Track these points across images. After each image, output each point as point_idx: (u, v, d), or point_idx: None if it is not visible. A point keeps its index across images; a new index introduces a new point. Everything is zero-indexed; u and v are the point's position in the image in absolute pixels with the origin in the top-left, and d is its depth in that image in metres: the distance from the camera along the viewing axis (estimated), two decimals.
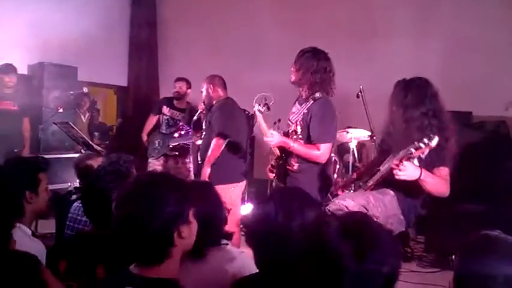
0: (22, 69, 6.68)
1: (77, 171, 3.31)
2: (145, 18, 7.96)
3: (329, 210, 2.73)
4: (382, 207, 2.76)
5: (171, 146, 5.37)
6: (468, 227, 1.70)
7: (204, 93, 4.48)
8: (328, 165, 3.47)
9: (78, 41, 6.66)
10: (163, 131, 5.55)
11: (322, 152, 3.24)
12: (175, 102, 5.67)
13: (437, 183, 2.70)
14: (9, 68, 5.66)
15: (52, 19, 6.56)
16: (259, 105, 3.56)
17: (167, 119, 5.59)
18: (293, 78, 3.45)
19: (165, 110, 5.62)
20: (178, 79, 5.75)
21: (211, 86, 4.46)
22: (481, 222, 3.82)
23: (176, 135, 5.34)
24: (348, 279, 1.17)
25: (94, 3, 7.18)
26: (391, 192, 2.83)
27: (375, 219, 2.66)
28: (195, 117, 4.76)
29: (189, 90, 5.71)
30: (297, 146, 3.27)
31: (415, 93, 2.82)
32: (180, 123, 5.43)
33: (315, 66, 3.34)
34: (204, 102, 4.53)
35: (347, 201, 2.72)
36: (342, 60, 5.58)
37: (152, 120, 5.70)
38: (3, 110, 5.52)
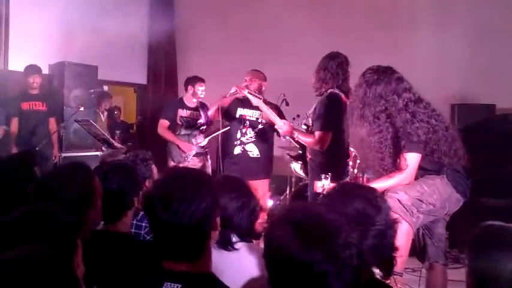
0: (43, 69, 6.78)
1: None
2: (164, 16, 7.98)
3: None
4: (437, 193, 2.77)
5: (202, 145, 5.23)
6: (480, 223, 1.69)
7: (256, 86, 4.40)
8: (335, 156, 3.60)
9: (98, 40, 6.72)
10: (183, 133, 5.32)
11: (317, 139, 3.51)
12: (186, 102, 5.44)
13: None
14: (33, 69, 5.78)
15: (72, 19, 6.65)
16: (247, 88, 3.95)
17: (187, 121, 5.37)
18: (312, 81, 3.72)
19: (182, 112, 5.40)
20: (202, 81, 5.47)
21: (265, 83, 4.49)
22: (505, 216, 3.74)
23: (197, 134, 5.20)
24: (333, 279, 1.13)
25: (114, 2, 7.24)
26: (438, 176, 2.82)
27: (432, 208, 2.71)
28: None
29: None
30: (299, 135, 3.63)
31: (373, 92, 2.82)
32: (198, 122, 5.29)
33: (325, 64, 3.61)
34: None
35: (400, 194, 2.71)
36: (362, 49, 5.55)
37: (166, 124, 5.42)
38: (34, 110, 5.72)
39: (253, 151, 4.50)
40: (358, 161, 5.38)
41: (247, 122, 4.51)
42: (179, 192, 1.43)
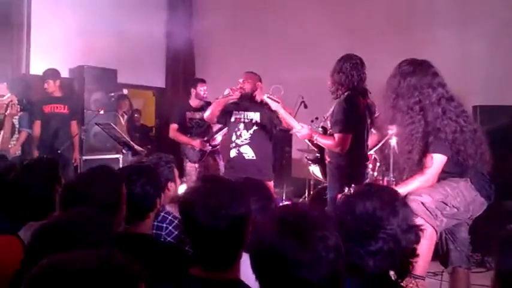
0: (63, 73, 6.89)
1: None
2: (182, 21, 8.05)
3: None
4: (460, 196, 2.75)
5: (216, 143, 5.36)
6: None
7: (250, 86, 4.38)
8: (354, 159, 3.58)
9: (117, 44, 6.80)
10: (195, 133, 5.49)
11: (337, 141, 3.49)
12: (192, 103, 5.60)
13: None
14: (46, 74, 5.78)
15: (92, 24, 6.73)
16: (268, 94, 3.87)
17: (197, 122, 5.55)
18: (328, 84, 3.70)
19: (190, 114, 5.57)
20: (203, 81, 5.70)
21: (260, 84, 4.42)
22: None
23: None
24: (305, 269, 1.16)
25: (132, 7, 7.31)
26: (462, 179, 2.79)
27: (456, 211, 2.70)
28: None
29: None
30: (318, 138, 3.60)
31: (408, 82, 2.81)
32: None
33: (340, 66, 3.59)
34: (241, 94, 4.37)
35: (423, 197, 2.70)
36: (381, 51, 5.48)
37: (176, 128, 5.59)
38: (56, 113, 5.72)
39: (248, 153, 4.39)
40: (377, 164, 5.36)
41: (242, 124, 4.45)
42: (222, 199, 1.45)
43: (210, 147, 5.28)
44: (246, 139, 4.42)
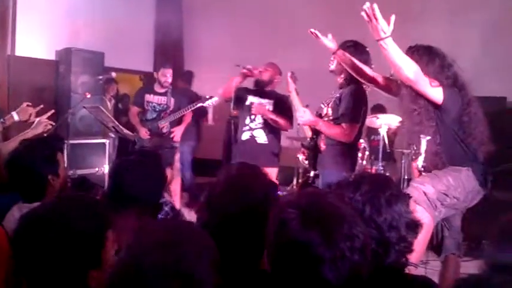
0: (50, 55, 6.75)
1: None
2: (171, 3, 7.94)
3: (410, 195, 2.69)
4: (461, 187, 2.76)
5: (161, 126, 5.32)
6: (501, 216, 1.66)
7: (268, 76, 4.55)
8: (353, 147, 3.63)
9: (105, 26, 6.68)
10: (149, 118, 5.49)
11: (346, 131, 3.43)
12: (156, 87, 5.65)
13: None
14: None
15: (79, 5, 6.59)
16: (293, 73, 3.97)
17: (153, 106, 5.59)
18: (333, 67, 3.58)
19: (149, 97, 5.61)
20: (166, 66, 5.73)
21: (279, 77, 4.59)
22: None
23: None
24: (326, 267, 1.10)
25: None
26: (463, 167, 2.80)
27: (456, 201, 2.72)
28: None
29: None
30: (323, 125, 3.49)
31: (438, 62, 2.82)
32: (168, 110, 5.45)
33: (356, 56, 3.45)
34: (257, 80, 4.57)
35: (426, 187, 2.71)
36: (372, 40, 5.45)
37: (135, 112, 5.66)
38: None
39: (261, 137, 4.53)
40: (367, 153, 5.39)
41: None
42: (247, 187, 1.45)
43: (149, 136, 5.22)
44: (260, 123, 4.54)
